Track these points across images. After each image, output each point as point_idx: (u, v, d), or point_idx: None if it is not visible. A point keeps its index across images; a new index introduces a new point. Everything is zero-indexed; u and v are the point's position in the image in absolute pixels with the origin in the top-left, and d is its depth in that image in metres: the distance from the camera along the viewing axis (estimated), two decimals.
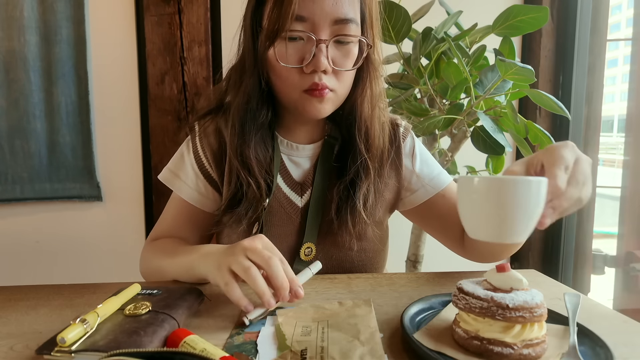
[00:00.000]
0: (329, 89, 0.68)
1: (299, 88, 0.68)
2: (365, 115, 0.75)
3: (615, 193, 1.60)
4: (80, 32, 1.38)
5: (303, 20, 0.65)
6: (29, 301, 0.62)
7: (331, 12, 0.65)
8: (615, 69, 1.90)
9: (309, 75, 0.67)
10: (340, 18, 0.66)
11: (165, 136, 1.44)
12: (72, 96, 1.40)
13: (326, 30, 0.66)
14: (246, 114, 0.72)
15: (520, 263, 1.57)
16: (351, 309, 0.57)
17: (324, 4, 0.65)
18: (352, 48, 0.69)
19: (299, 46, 0.67)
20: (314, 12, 0.65)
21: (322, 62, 0.65)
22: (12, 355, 0.47)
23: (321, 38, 0.65)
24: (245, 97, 0.72)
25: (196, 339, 0.45)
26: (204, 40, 1.42)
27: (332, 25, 0.66)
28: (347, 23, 0.66)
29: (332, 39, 0.66)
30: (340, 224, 0.74)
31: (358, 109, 0.75)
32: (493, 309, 0.44)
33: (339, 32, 0.67)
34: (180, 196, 0.79)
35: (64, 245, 1.46)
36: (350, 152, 0.76)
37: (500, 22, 0.96)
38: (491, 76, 0.95)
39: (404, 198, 0.82)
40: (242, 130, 0.72)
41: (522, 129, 0.98)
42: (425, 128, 0.99)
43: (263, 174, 0.73)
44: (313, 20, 0.65)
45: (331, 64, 0.67)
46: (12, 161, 1.38)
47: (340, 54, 0.68)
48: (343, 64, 0.69)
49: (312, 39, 0.65)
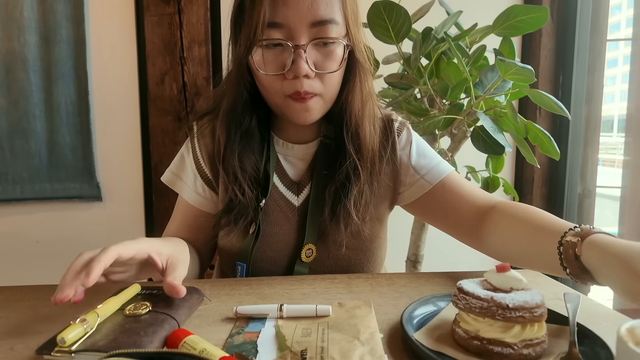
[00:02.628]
0: (313, 94, 0.67)
1: (282, 94, 0.68)
2: (354, 116, 0.74)
3: (615, 193, 1.60)
4: (80, 32, 1.38)
5: (279, 27, 0.64)
6: (29, 301, 0.62)
7: (307, 15, 0.64)
8: (615, 69, 1.90)
9: (292, 81, 0.66)
10: (318, 20, 0.64)
11: (165, 136, 1.44)
12: (72, 96, 1.40)
13: (304, 34, 0.65)
14: (231, 122, 0.73)
15: None
16: (351, 310, 0.57)
17: (298, 8, 0.63)
18: (334, 49, 0.67)
19: (277, 53, 0.66)
20: (288, 18, 0.64)
21: (303, 67, 0.64)
22: (12, 355, 0.47)
23: (298, 43, 0.64)
24: (230, 105, 0.73)
25: (196, 339, 0.45)
26: (204, 40, 1.42)
27: (310, 29, 0.65)
28: (326, 24, 0.65)
29: (309, 42, 0.65)
30: (333, 224, 0.74)
31: (347, 109, 0.74)
32: (493, 309, 0.44)
33: (317, 34, 0.65)
34: (183, 197, 0.79)
35: (64, 245, 1.46)
36: (342, 152, 0.75)
37: (500, 22, 0.96)
38: (491, 76, 0.95)
39: (402, 192, 0.81)
40: (227, 137, 0.73)
41: (522, 129, 0.98)
42: (425, 128, 0.99)
43: (247, 181, 0.73)
44: (289, 25, 0.64)
45: (313, 68, 0.66)
46: (12, 161, 1.38)
47: (322, 57, 0.67)
48: (326, 66, 0.67)
49: (289, 45, 0.64)
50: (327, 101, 0.71)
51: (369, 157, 0.75)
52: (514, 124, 0.96)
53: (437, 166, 0.79)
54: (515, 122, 0.95)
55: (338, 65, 0.68)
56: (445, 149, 1.11)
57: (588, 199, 1.57)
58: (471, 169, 1.26)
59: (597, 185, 1.58)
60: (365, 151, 0.75)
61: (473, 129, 1.02)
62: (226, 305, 0.60)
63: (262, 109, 0.76)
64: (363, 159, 0.74)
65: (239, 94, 0.72)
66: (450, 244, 1.51)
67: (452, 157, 1.11)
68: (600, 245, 0.51)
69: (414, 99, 1.14)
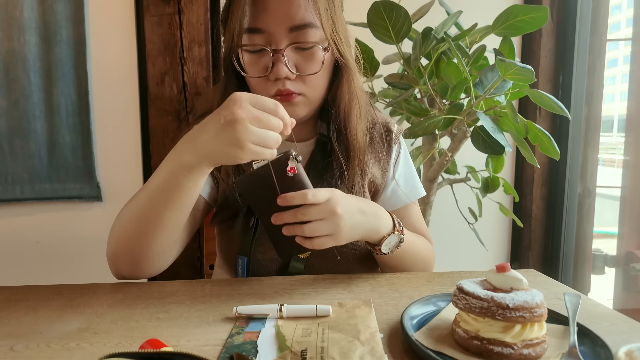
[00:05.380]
0: (295, 93, 0.70)
1: (267, 95, 0.69)
2: (341, 116, 0.76)
3: (615, 193, 1.60)
4: (80, 32, 1.38)
5: (259, 32, 0.67)
6: (29, 301, 0.62)
7: (285, 20, 0.66)
8: (615, 69, 1.90)
9: (275, 82, 0.69)
10: (296, 25, 0.66)
11: (165, 136, 1.44)
12: (72, 96, 1.39)
13: (284, 39, 0.67)
14: None
15: (520, 263, 1.58)
16: (351, 310, 0.57)
17: (276, 14, 0.66)
18: (315, 51, 0.69)
19: (259, 57, 0.69)
20: (267, 23, 0.66)
21: (282, 70, 0.67)
22: (12, 355, 0.47)
23: (277, 48, 0.67)
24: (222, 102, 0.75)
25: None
26: (204, 41, 1.42)
27: (289, 33, 0.67)
28: (304, 28, 0.67)
29: (288, 46, 0.67)
30: None
31: (334, 107, 0.76)
32: (493, 309, 0.44)
33: (296, 39, 0.68)
34: None
35: (64, 245, 1.46)
36: (333, 151, 0.77)
37: (500, 22, 0.96)
38: (491, 76, 0.95)
39: (377, 200, 0.84)
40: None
41: (522, 129, 0.98)
42: (425, 128, 0.99)
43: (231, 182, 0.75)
44: (269, 30, 0.67)
45: (294, 70, 0.68)
46: (12, 161, 1.38)
47: (302, 59, 0.69)
48: (307, 68, 0.70)
49: (267, 50, 0.67)
50: (312, 100, 0.73)
51: (357, 156, 0.77)
52: (514, 124, 0.96)
53: (405, 191, 0.84)
54: (515, 122, 0.95)
55: (319, 67, 0.70)
56: (445, 149, 1.11)
57: (588, 199, 1.57)
58: (471, 169, 1.26)
59: (597, 185, 1.58)
60: (352, 150, 0.76)
61: (473, 129, 1.02)
62: (226, 305, 0.60)
63: None
64: (350, 158, 0.76)
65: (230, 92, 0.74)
66: (450, 244, 1.52)
67: (452, 157, 1.11)
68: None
69: (414, 99, 1.14)
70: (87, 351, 0.48)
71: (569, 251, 1.54)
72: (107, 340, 0.51)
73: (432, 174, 1.17)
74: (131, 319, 0.57)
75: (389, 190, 0.83)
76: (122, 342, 0.50)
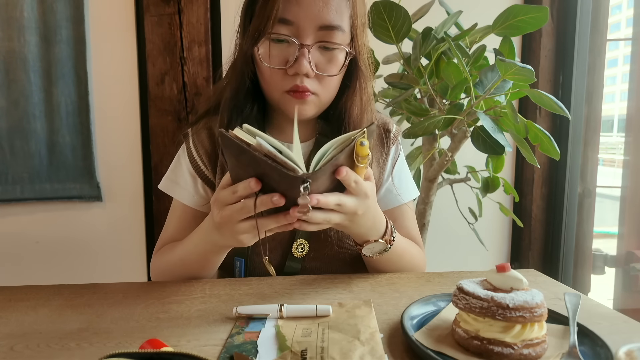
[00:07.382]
0: (310, 92, 0.69)
1: (280, 88, 0.70)
2: (352, 122, 0.76)
3: (615, 193, 1.60)
4: (80, 32, 1.38)
5: (288, 24, 0.66)
6: (29, 301, 0.62)
7: (317, 17, 0.66)
8: (615, 69, 1.90)
9: (292, 77, 0.69)
10: (326, 25, 0.67)
11: (165, 136, 1.44)
12: (72, 96, 1.39)
13: (311, 35, 0.67)
14: (233, 109, 0.75)
15: (520, 263, 1.57)
16: (351, 310, 0.57)
17: (309, 10, 0.66)
18: (337, 54, 0.70)
19: (283, 48, 0.68)
20: (299, 17, 0.66)
21: (304, 65, 0.67)
22: (12, 355, 0.47)
23: (304, 43, 0.67)
24: (232, 92, 0.75)
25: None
26: (204, 41, 1.42)
27: (317, 31, 0.67)
28: (333, 30, 0.67)
29: (315, 44, 0.67)
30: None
31: (347, 113, 0.76)
32: (493, 308, 0.44)
33: (323, 38, 0.68)
34: (182, 202, 0.80)
35: (64, 246, 1.46)
36: None
37: (500, 22, 0.96)
38: (491, 76, 0.95)
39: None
40: (229, 123, 0.74)
41: (522, 129, 0.98)
42: (425, 128, 0.99)
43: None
44: (298, 24, 0.66)
45: (314, 69, 0.68)
46: (12, 161, 1.38)
47: (324, 60, 0.69)
48: (327, 69, 0.70)
49: (295, 43, 0.67)
50: (323, 101, 0.73)
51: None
52: (514, 123, 0.96)
53: (399, 192, 0.84)
54: (515, 122, 0.95)
55: (338, 70, 0.71)
56: (445, 149, 1.11)
57: (588, 198, 1.57)
58: (471, 169, 1.26)
59: (597, 185, 1.58)
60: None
61: (473, 129, 1.02)
62: (226, 305, 0.60)
63: (259, 105, 0.77)
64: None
65: (241, 83, 0.74)
66: (450, 244, 1.52)
67: (452, 157, 1.11)
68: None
69: (414, 99, 1.14)
70: (87, 351, 0.48)
71: (569, 251, 1.54)
72: (107, 340, 0.51)
73: (432, 174, 1.17)
74: (131, 319, 0.57)
75: (384, 189, 0.83)
76: (122, 342, 0.50)
